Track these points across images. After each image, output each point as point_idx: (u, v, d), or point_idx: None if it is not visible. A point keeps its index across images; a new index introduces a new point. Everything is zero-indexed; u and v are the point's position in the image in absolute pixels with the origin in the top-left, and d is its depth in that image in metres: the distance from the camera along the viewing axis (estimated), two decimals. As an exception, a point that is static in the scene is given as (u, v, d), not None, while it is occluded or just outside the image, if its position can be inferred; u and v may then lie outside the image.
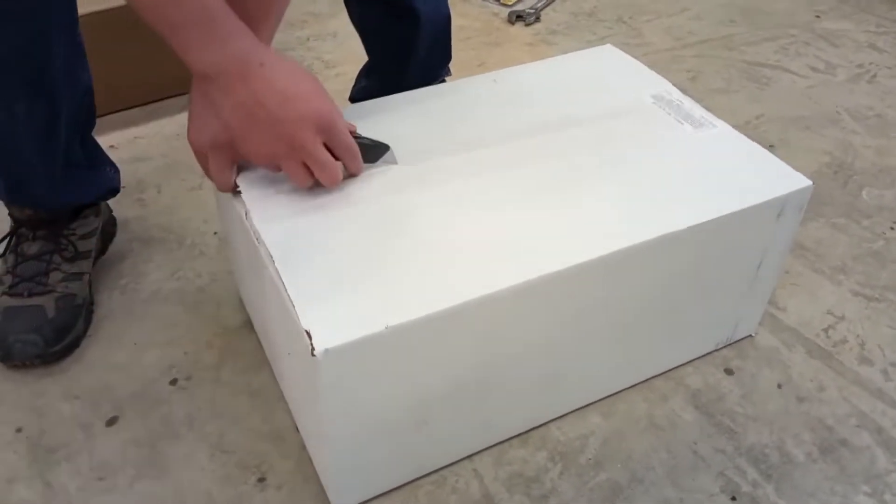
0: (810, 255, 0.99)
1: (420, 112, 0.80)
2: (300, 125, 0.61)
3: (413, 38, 0.97)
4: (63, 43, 0.75)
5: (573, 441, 0.75)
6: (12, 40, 0.70)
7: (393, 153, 0.71)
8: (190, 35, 0.59)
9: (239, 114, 0.62)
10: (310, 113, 0.62)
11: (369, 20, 1.00)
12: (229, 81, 0.60)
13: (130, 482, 0.71)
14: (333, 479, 0.66)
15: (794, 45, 1.45)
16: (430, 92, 0.85)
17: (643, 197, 0.70)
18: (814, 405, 0.80)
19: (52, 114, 0.77)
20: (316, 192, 0.68)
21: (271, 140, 0.62)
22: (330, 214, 0.66)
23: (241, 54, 0.60)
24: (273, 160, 0.64)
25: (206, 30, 0.59)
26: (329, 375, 0.56)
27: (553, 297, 0.64)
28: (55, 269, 0.84)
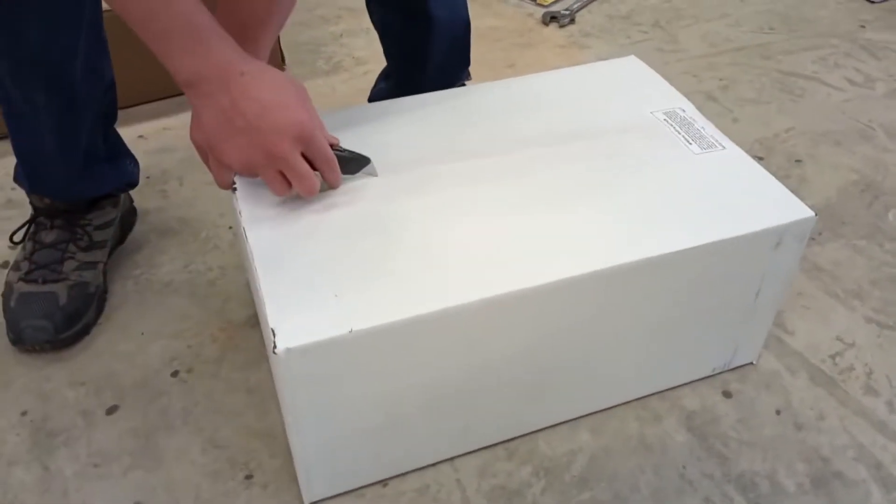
0: (826, 277, 0.96)
1: (427, 117, 0.81)
2: (279, 135, 0.62)
3: (429, 42, 0.97)
4: (85, 39, 0.78)
5: (560, 456, 0.75)
6: (34, 35, 0.73)
7: (374, 166, 0.71)
8: (174, 43, 0.60)
9: (218, 121, 0.62)
10: (289, 123, 0.62)
11: (388, 23, 1.01)
12: (210, 89, 0.61)
13: (124, 471, 0.74)
14: (304, 474, 0.67)
15: (833, 56, 1.41)
16: (442, 96, 0.86)
17: (636, 216, 0.69)
18: (811, 434, 0.78)
19: (72, 107, 0.80)
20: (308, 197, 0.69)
21: (249, 148, 0.63)
22: (318, 218, 0.67)
23: (222, 63, 0.61)
24: (250, 168, 0.65)
25: (190, 38, 0.60)
26: (291, 373, 0.58)
27: (531, 310, 0.64)
28: (70, 258, 0.87)
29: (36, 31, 0.73)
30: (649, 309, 0.71)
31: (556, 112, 0.82)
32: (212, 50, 0.61)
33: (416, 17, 0.95)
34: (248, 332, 0.87)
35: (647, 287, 0.68)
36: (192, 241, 0.99)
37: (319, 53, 1.39)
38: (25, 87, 0.77)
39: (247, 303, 0.90)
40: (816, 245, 1.01)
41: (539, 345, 0.68)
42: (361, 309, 0.59)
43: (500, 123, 0.80)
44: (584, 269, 0.64)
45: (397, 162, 0.73)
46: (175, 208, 1.04)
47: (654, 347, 0.75)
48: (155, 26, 0.60)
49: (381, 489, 0.72)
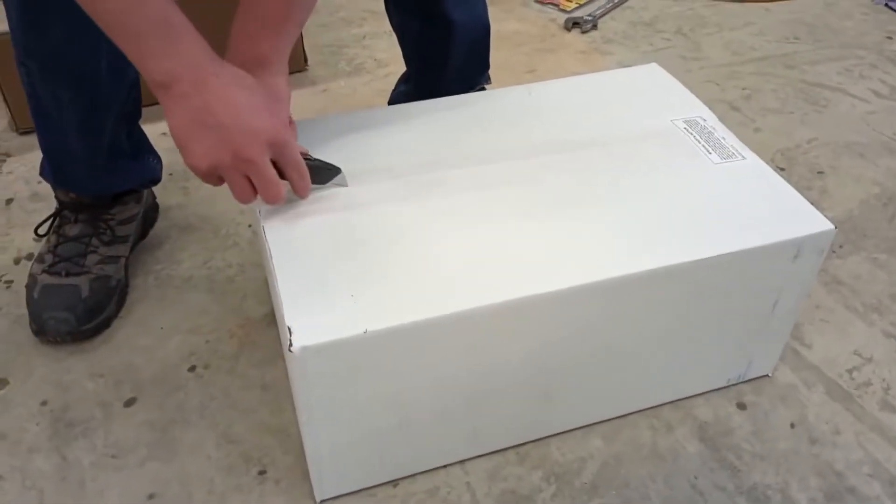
0: (845, 291, 0.95)
1: (445, 120, 0.81)
2: (250, 137, 0.61)
3: (448, 46, 0.98)
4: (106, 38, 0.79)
5: (571, 463, 0.75)
6: (59, 34, 0.74)
7: (344, 176, 0.71)
8: (148, 43, 0.60)
9: (188, 120, 0.61)
10: (262, 127, 0.62)
11: (407, 27, 1.01)
12: (183, 89, 0.60)
13: (140, 462, 0.75)
14: (317, 472, 0.68)
15: (858, 67, 1.40)
16: (461, 100, 0.86)
17: (652, 225, 0.69)
18: (826, 448, 0.78)
19: (96, 105, 0.81)
20: (325, 197, 0.70)
21: (218, 148, 0.61)
22: (336, 218, 0.68)
23: (197, 64, 0.61)
24: (216, 170, 0.63)
25: (165, 39, 0.60)
26: (306, 371, 0.59)
27: (543, 316, 0.65)
28: (93, 252, 0.88)
29: (61, 30, 0.74)
30: (664, 318, 0.71)
31: (575, 118, 0.83)
32: (186, 51, 0.61)
33: (435, 22, 0.96)
34: (265, 329, 0.88)
35: (661, 296, 0.68)
36: (213, 238, 1.00)
37: (342, 55, 1.40)
38: (52, 84, 0.79)
39: (264, 300, 0.91)
40: (837, 258, 1.00)
41: (551, 350, 0.68)
42: (377, 310, 0.60)
43: (518, 128, 0.80)
44: (598, 276, 0.64)
45: (414, 165, 0.74)
46: (196, 205, 1.05)
47: (668, 357, 0.75)
48: (128, 27, 0.59)
49: (391, 489, 0.73)
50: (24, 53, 0.78)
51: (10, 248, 0.98)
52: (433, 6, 0.94)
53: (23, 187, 1.07)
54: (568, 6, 1.56)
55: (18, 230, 1.00)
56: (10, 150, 1.14)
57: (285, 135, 0.64)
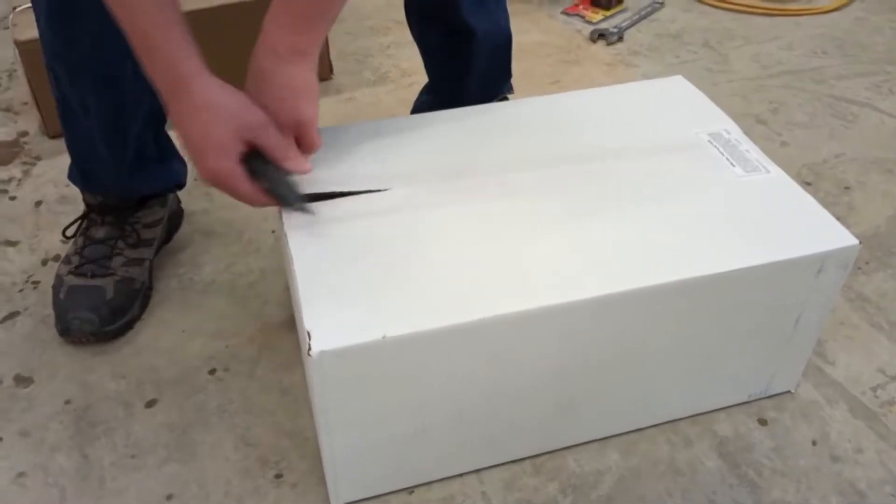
0: (871, 308, 0.94)
1: (466, 129, 0.82)
2: (202, 173, 0.66)
3: (470, 55, 0.98)
4: None
5: (588, 475, 0.75)
6: (89, 38, 0.76)
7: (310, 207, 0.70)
8: (140, 56, 0.65)
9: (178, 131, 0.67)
10: (202, 168, 0.66)
11: (428, 37, 1.02)
12: (166, 101, 0.66)
13: (159, 464, 0.76)
14: (332, 476, 0.68)
15: (888, 83, 1.38)
16: (483, 110, 0.86)
17: (675, 237, 0.69)
18: (848, 466, 0.76)
19: (121, 108, 0.83)
20: (347, 202, 0.70)
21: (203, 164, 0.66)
22: (358, 225, 0.69)
23: (169, 84, 0.65)
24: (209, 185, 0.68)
25: (149, 56, 0.64)
26: (324, 376, 0.59)
27: (562, 326, 0.64)
28: (118, 254, 0.90)
29: (89, 34, 0.76)
30: (684, 331, 0.70)
31: (598, 129, 0.83)
32: (158, 68, 0.64)
33: (456, 31, 0.96)
34: (285, 334, 0.89)
35: (682, 309, 0.68)
36: (235, 243, 1.01)
37: (366, 64, 1.42)
38: (79, 88, 0.81)
39: (285, 305, 0.92)
40: (862, 275, 0.98)
41: (569, 361, 0.68)
42: (396, 316, 0.60)
43: (540, 139, 0.81)
44: (619, 287, 0.64)
45: (436, 173, 0.74)
46: (220, 210, 1.06)
47: (689, 371, 0.75)
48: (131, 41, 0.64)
49: (406, 497, 0.73)
50: (52, 57, 0.80)
51: (38, 249, 1.00)
52: (453, 15, 0.95)
53: (52, 190, 1.09)
54: (594, 18, 1.56)
55: (46, 232, 1.02)
56: (40, 154, 1.16)
57: (227, 178, 0.66)
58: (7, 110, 1.27)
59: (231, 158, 0.65)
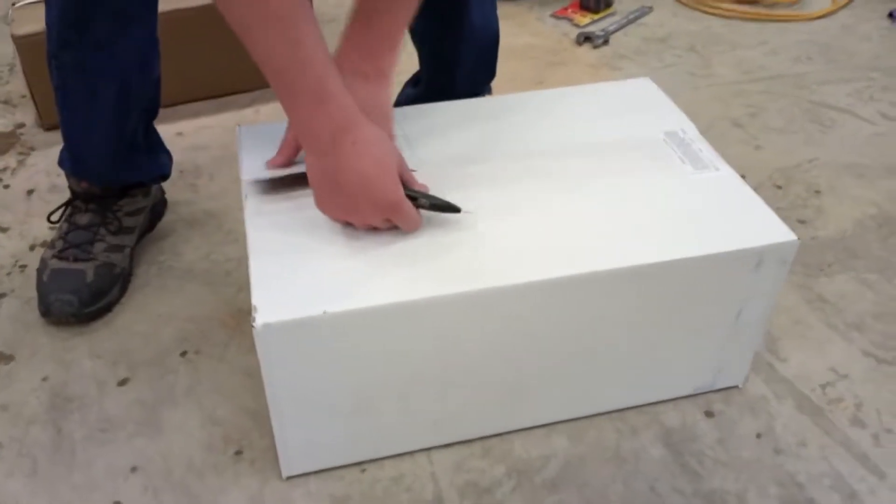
0: (828, 309, 0.96)
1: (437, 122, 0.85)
2: (369, 208, 0.68)
3: (462, 47, 1.01)
4: (141, 36, 0.85)
5: (534, 460, 0.78)
6: (102, 31, 0.81)
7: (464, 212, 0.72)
8: (300, 99, 0.65)
9: (320, 174, 0.68)
10: (380, 198, 0.67)
11: (426, 26, 1.04)
12: (320, 147, 0.67)
13: (128, 438, 0.80)
14: (283, 447, 0.72)
15: (870, 90, 1.40)
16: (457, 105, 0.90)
17: (617, 228, 0.72)
18: (789, 459, 0.79)
19: (124, 99, 0.88)
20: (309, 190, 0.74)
21: (340, 206, 0.69)
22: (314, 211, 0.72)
23: (339, 128, 0.66)
24: (339, 220, 0.71)
25: (317, 100, 0.65)
26: (269, 348, 0.63)
27: (504, 309, 0.68)
28: (100, 240, 0.94)
29: (102, 26, 0.81)
30: (626, 320, 0.73)
31: (559, 126, 0.86)
32: (332, 114, 0.66)
33: (455, 24, 1.00)
34: (257, 320, 0.92)
35: (623, 297, 0.71)
36: (216, 233, 1.05)
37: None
38: (84, 78, 0.85)
39: (258, 293, 0.95)
40: (824, 276, 1.01)
41: (513, 344, 0.71)
42: (339, 294, 0.64)
43: (503, 133, 0.84)
44: (556, 273, 0.67)
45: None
46: (203, 201, 1.10)
47: (634, 359, 0.77)
48: (287, 84, 0.64)
49: (359, 474, 0.76)
50: (59, 46, 0.83)
51: (27, 235, 1.04)
52: (456, 8, 0.98)
53: (43, 179, 1.14)
54: (582, 21, 1.59)
55: (36, 219, 1.06)
56: (35, 145, 1.21)
57: (401, 203, 0.68)
58: (6, 102, 1.32)
59: (401, 187, 0.69)
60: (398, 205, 0.68)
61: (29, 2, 1.18)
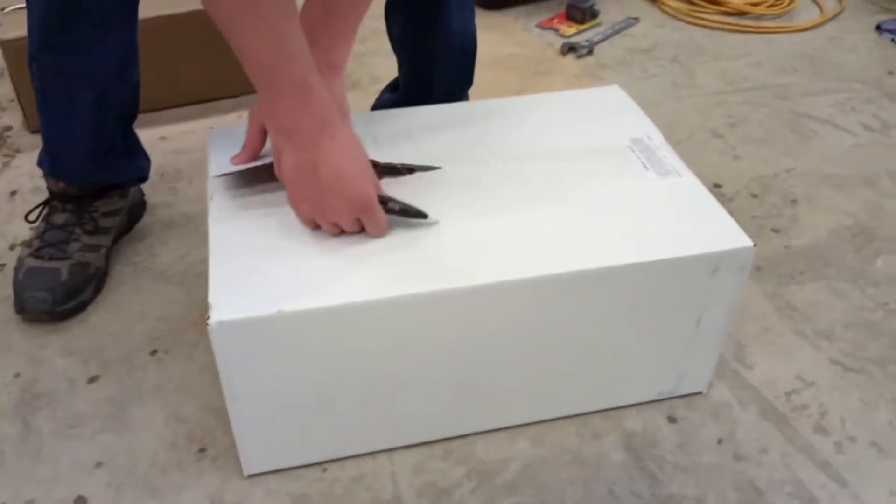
0: (798, 317, 0.96)
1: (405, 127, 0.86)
2: (342, 203, 0.69)
3: (440, 53, 1.03)
4: (120, 41, 0.87)
5: (495, 462, 0.78)
6: (80, 32, 0.82)
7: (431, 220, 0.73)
8: (285, 95, 0.66)
9: (298, 172, 0.69)
10: (354, 195, 0.69)
11: (405, 31, 1.06)
12: (299, 142, 0.68)
13: (94, 434, 0.81)
14: (243, 446, 0.73)
15: (852, 101, 1.40)
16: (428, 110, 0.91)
17: (577, 232, 0.73)
18: (750, 466, 0.79)
19: (103, 101, 0.89)
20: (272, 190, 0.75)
21: (313, 202, 0.70)
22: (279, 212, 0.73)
23: (320, 123, 0.68)
24: (311, 216, 0.71)
25: (301, 96, 0.66)
26: (224, 346, 0.64)
27: (460, 311, 0.68)
28: (75, 240, 0.95)
29: (84, 28, 0.82)
30: (585, 323, 0.74)
31: (527, 132, 0.87)
32: (314, 110, 0.67)
33: (433, 27, 1.01)
34: (229, 321, 0.93)
35: (581, 300, 0.71)
36: (192, 236, 1.06)
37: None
38: (64, 79, 0.87)
39: (232, 294, 0.96)
40: (795, 284, 1.01)
41: (472, 347, 0.72)
42: (295, 293, 0.65)
43: (470, 138, 0.85)
44: (512, 275, 0.68)
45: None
46: (182, 204, 1.11)
47: (594, 363, 0.78)
48: (272, 78, 0.66)
49: (320, 473, 0.77)
50: (40, 48, 0.85)
51: (7, 235, 1.06)
52: (435, 13, 1.00)
53: (27, 181, 1.15)
54: (567, 32, 1.60)
55: (17, 220, 1.07)
56: (20, 147, 1.23)
57: (371, 200, 0.69)
58: (-5, 105, 1.34)
59: (375, 188, 0.71)
60: (371, 204, 0.70)
61: (17, 7, 1.20)
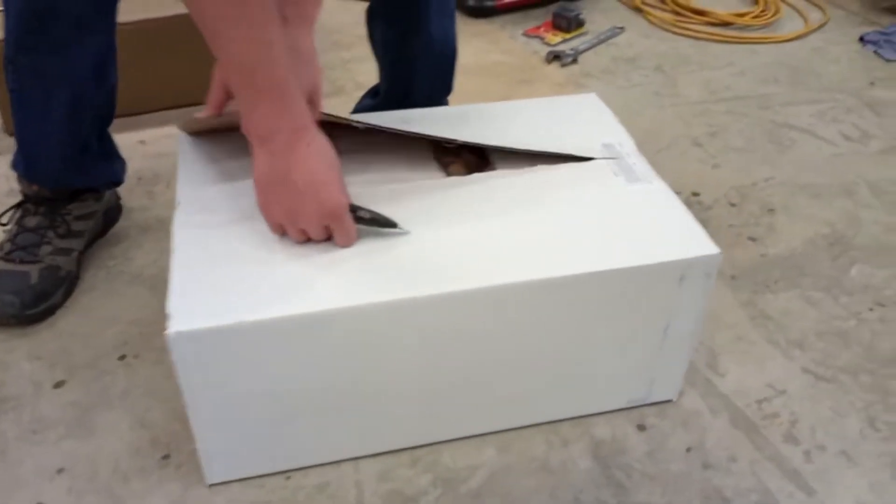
0: (771, 326, 0.96)
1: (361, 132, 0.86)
2: (314, 208, 0.68)
3: (419, 58, 1.03)
4: (97, 43, 0.87)
5: (461, 470, 0.78)
6: (58, 34, 0.82)
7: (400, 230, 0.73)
8: (263, 99, 0.66)
9: (271, 176, 0.69)
10: (327, 200, 0.68)
11: (387, 37, 1.06)
12: (275, 147, 0.68)
13: (58, 439, 0.80)
14: (205, 455, 0.72)
15: (833, 111, 1.41)
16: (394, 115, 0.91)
17: (544, 239, 0.72)
18: (718, 474, 0.79)
19: (80, 103, 0.89)
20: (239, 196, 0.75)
21: (284, 207, 0.69)
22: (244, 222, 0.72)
23: (295, 128, 0.67)
24: (279, 221, 0.70)
25: (278, 101, 0.66)
26: (183, 356, 0.63)
27: (422, 320, 0.68)
28: (47, 243, 0.95)
29: (61, 30, 0.82)
30: (552, 331, 0.73)
31: (499, 138, 0.86)
32: (293, 114, 0.67)
33: (414, 33, 1.01)
34: (200, 326, 0.93)
35: (547, 307, 0.71)
36: (166, 239, 1.03)
37: (325, 76, 1.46)
38: (41, 81, 0.86)
39: (204, 299, 0.96)
40: (769, 293, 1.01)
41: (437, 355, 0.71)
42: (254, 304, 0.64)
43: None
44: (476, 283, 0.68)
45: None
46: (158, 208, 1.11)
47: (563, 371, 0.77)
48: (253, 81, 0.66)
49: (283, 481, 0.76)
50: (15, 50, 0.85)
51: (-20, 237, 1.05)
52: (415, 18, 1.00)
53: (3, 184, 1.14)
54: (553, 40, 1.60)
55: (-9, 222, 1.07)
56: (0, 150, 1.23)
57: (342, 209, 0.69)
58: (-26, 108, 1.33)
59: (347, 196, 0.70)
60: (342, 211, 0.69)
61: None
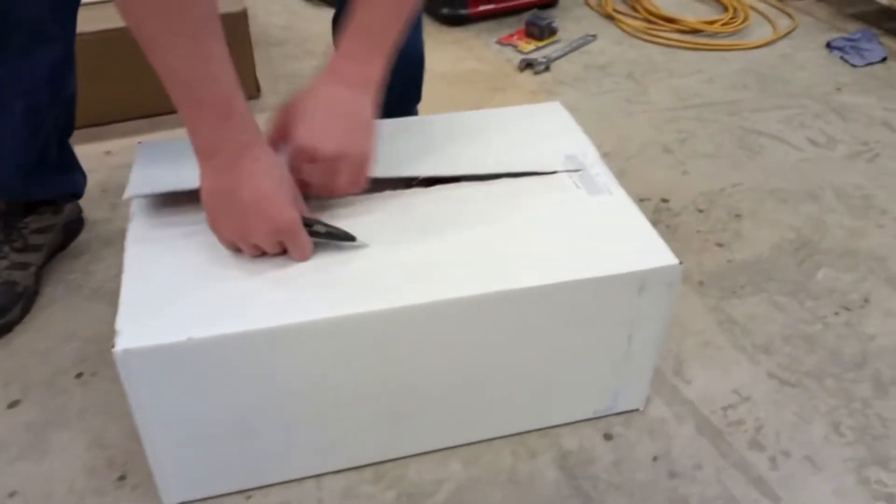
0: (737, 331, 0.96)
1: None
2: (262, 225, 0.66)
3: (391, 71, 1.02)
4: (53, 52, 0.85)
5: (427, 484, 0.77)
6: (15, 43, 0.81)
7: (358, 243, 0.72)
8: (206, 115, 0.64)
9: (217, 195, 0.67)
10: (275, 217, 0.67)
11: None
12: (220, 163, 0.65)
13: (10, 461, 0.78)
14: (160, 476, 0.70)
15: (800, 117, 1.41)
16: None
17: (502, 251, 0.71)
18: (684, 482, 0.78)
19: (33, 114, 0.87)
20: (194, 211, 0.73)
21: (232, 223, 0.68)
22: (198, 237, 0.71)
23: (240, 145, 0.65)
24: (233, 240, 0.69)
25: (222, 116, 0.64)
26: (132, 374, 0.62)
27: (381, 333, 0.67)
28: (3, 258, 0.93)
29: (15, 41, 0.80)
30: (513, 343, 0.72)
31: (461, 148, 0.85)
32: (236, 130, 0.65)
33: None
34: (162, 341, 0.91)
35: (508, 319, 0.70)
36: (129, 253, 1.03)
37: (297, 85, 1.45)
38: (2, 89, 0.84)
39: (165, 313, 0.94)
40: (735, 298, 1.01)
41: (396, 369, 0.70)
42: (205, 320, 0.63)
43: (400, 155, 0.83)
44: (436, 296, 0.67)
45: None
46: (122, 220, 1.08)
47: (527, 383, 0.77)
48: (194, 96, 0.63)
49: (243, 501, 0.74)
50: None
51: (-64, 253, 1.03)
52: None
53: (-39, 197, 1.12)
54: (526, 48, 1.60)
55: (-52, 237, 1.05)
56: (-43, 163, 1.20)
57: (294, 225, 0.68)
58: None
59: (297, 210, 0.68)
60: (293, 226, 0.68)
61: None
